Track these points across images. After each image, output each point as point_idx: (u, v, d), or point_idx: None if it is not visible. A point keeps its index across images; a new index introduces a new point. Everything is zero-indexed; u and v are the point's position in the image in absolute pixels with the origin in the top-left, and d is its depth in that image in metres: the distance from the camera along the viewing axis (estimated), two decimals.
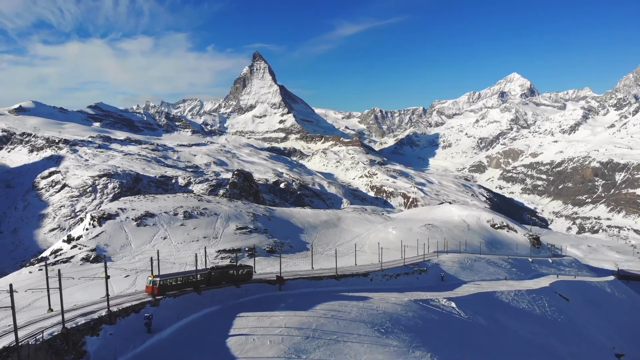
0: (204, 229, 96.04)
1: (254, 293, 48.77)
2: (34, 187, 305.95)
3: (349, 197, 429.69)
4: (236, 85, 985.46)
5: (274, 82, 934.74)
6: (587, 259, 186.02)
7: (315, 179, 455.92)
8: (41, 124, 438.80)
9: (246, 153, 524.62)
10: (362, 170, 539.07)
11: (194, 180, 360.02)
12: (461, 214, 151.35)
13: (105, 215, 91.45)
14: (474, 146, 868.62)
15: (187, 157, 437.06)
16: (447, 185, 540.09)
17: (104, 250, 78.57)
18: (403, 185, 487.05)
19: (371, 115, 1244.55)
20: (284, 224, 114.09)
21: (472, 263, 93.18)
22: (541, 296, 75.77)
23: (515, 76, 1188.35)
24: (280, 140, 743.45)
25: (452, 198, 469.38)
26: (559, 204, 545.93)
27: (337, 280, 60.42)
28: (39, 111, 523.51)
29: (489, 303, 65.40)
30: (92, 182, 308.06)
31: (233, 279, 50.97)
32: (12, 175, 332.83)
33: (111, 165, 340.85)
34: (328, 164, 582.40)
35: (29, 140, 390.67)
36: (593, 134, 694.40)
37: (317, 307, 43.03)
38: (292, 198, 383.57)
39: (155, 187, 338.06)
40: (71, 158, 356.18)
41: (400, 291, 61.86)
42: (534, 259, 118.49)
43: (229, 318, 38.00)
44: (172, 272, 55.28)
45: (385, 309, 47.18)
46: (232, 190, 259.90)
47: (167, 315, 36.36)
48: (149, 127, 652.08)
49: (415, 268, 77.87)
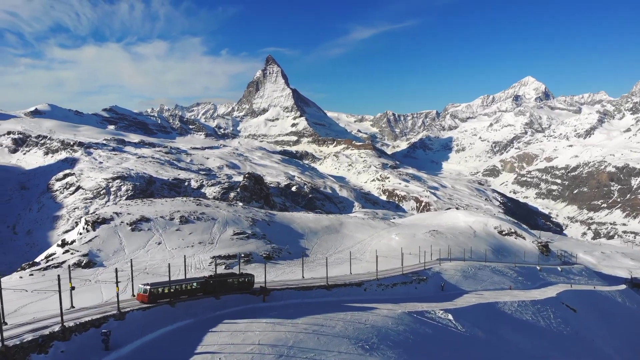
0: (200, 234, 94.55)
1: (234, 305, 45.99)
2: (48, 189, 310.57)
3: (360, 200, 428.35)
4: (249, 89, 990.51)
5: (286, 86, 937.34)
6: (601, 266, 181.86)
7: (326, 182, 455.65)
8: (56, 127, 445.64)
9: (258, 156, 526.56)
10: (374, 173, 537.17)
11: (206, 183, 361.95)
12: (467, 220, 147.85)
13: (99, 219, 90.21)
14: (487, 150, 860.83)
15: (200, 160, 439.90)
16: (460, 190, 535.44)
17: (96, 255, 77.48)
18: (415, 189, 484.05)
19: (384, 118, 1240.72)
20: (283, 229, 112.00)
21: (475, 271, 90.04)
22: (547, 307, 72.87)
23: (530, 79, 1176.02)
24: (292, 143, 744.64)
25: (466, 202, 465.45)
26: (574, 209, 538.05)
27: (327, 291, 57.59)
28: (54, 114, 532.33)
29: (490, 314, 62.95)
30: (106, 184, 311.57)
31: (233, 288, 49.14)
32: (27, 177, 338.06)
33: (125, 168, 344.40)
34: (340, 168, 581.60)
35: (44, 142, 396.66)
36: (609, 138, 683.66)
37: (299, 321, 40.75)
38: (303, 201, 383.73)
39: (168, 190, 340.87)
40: (85, 160, 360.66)
41: (395, 302, 59.54)
42: (542, 267, 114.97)
43: (200, 333, 35.91)
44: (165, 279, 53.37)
45: (374, 322, 45.13)
46: (243, 193, 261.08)
47: (131, 330, 34.36)
48: (163, 130, 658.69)
49: (414, 277, 74.83)
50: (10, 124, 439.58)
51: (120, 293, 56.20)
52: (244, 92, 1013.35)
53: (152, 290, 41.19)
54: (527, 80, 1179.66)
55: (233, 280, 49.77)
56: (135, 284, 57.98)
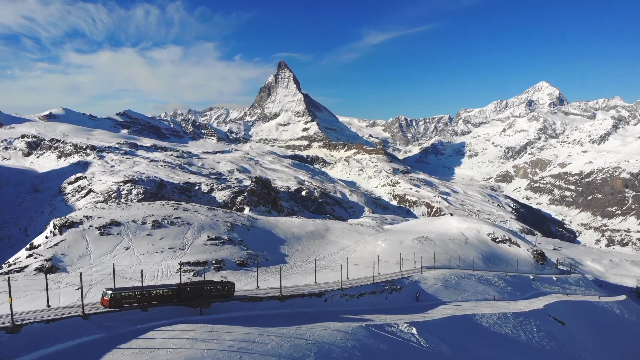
0: (171, 239, 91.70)
1: (163, 318, 41.11)
2: (60, 192, 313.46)
3: (370, 205, 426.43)
4: (261, 94, 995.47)
5: (298, 91, 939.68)
6: (608, 274, 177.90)
7: (337, 187, 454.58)
8: (70, 131, 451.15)
9: (269, 160, 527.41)
10: (384, 178, 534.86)
11: (216, 187, 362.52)
12: (460, 226, 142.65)
13: (67, 223, 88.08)
14: (500, 155, 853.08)
15: (211, 164, 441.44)
16: (472, 195, 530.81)
17: (60, 260, 75.55)
18: (427, 194, 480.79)
19: (396, 123, 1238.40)
20: (264, 235, 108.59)
21: (459, 281, 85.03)
22: (530, 320, 68.16)
23: (543, 85, 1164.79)
24: (303, 148, 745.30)
25: (477, 208, 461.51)
26: (587, 216, 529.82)
27: (280, 302, 52.82)
28: (69, 118, 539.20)
29: (464, 328, 58.43)
30: (117, 187, 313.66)
31: (211, 296, 47.36)
32: (40, 180, 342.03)
33: (136, 172, 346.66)
34: (350, 172, 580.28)
35: (58, 146, 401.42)
36: (623, 144, 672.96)
37: (227, 337, 36.26)
38: (313, 206, 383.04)
39: (179, 194, 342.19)
40: (97, 164, 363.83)
41: (358, 314, 55.60)
42: (535, 277, 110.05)
43: (102, 351, 31.45)
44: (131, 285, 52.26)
45: (319, 337, 40.72)
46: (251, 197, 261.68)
47: (24, 345, 30.96)
48: (175, 135, 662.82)
49: (387, 286, 70.28)
50: (24, 127, 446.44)
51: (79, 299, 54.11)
52: (256, 97, 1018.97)
53: (114, 295, 40.58)
54: (541, 86, 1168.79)
55: (210, 288, 48.01)
56: (98, 289, 55.97)
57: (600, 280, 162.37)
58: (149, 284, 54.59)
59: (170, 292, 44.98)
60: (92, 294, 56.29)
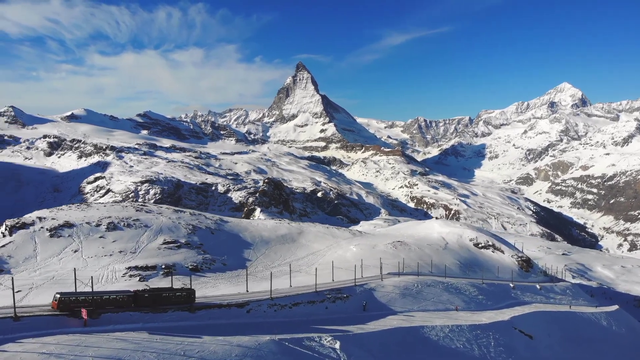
0: (124, 243, 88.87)
1: (39, 328, 36.88)
2: (79, 191, 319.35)
3: (387, 207, 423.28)
4: (279, 95, 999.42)
5: (316, 92, 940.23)
6: (618, 281, 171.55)
7: (353, 188, 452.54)
8: (91, 131, 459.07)
9: (286, 162, 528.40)
10: (402, 180, 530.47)
11: (232, 188, 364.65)
12: (442, 230, 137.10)
13: (19, 224, 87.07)
14: (521, 157, 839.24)
15: (228, 165, 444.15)
16: (491, 198, 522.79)
17: (5, 262, 74.31)
18: (445, 196, 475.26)
19: (415, 124, 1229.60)
20: (229, 239, 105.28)
21: (421, 288, 78.64)
22: (489, 333, 61.88)
23: (566, 86, 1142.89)
24: (320, 149, 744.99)
25: (497, 211, 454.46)
26: (610, 220, 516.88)
27: (190, 314, 47.69)
28: (90, 119, 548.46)
29: (406, 341, 52.81)
30: (135, 187, 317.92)
31: (170, 302, 47.03)
32: (61, 179, 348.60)
33: (154, 172, 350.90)
34: (367, 174, 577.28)
35: (79, 146, 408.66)
36: None
37: (90, 354, 32.25)
38: (329, 207, 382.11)
39: (196, 194, 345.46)
40: (117, 164, 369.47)
41: (286, 326, 50.61)
42: (515, 285, 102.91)
43: None
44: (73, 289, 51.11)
45: (209, 354, 35.67)
46: (262, 198, 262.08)
47: None
48: (195, 136, 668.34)
49: (330, 295, 64.00)
50: (47, 128, 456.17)
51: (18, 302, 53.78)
52: (274, 98, 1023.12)
53: (62, 299, 40.65)
54: (563, 87, 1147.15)
55: (169, 295, 47.60)
56: (38, 293, 56.37)
57: (604, 288, 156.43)
58: (93, 289, 53.25)
59: (127, 298, 44.55)
60: (30, 297, 55.67)
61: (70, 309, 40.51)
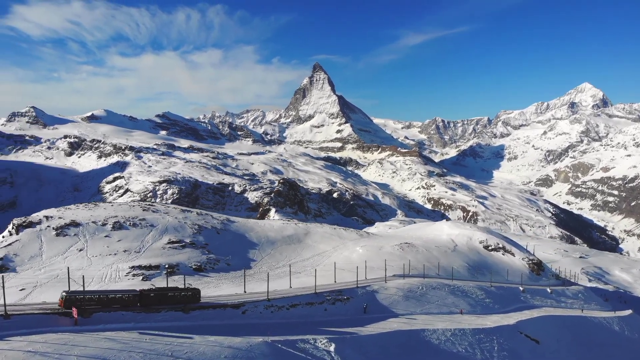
0: (129, 242, 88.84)
1: (30, 326, 36.93)
2: (99, 191, 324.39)
3: (403, 208, 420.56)
4: (296, 96, 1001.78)
5: (332, 93, 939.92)
6: (637, 285, 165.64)
7: (369, 189, 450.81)
8: (111, 132, 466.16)
9: (302, 162, 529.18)
10: (419, 181, 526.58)
11: (249, 188, 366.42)
12: (451, 232, 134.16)
13: (26, 222, 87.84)
14: (541, 159, 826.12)
15: (245, 165, 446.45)
16: (510, 200, 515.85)
17: (11, 260, 74.90)
18: (463, 198, 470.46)
19: (432, 125, 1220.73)
20: (235, 239, 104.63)
21: (426, 291, 76.91)
22: (493, 337, 60.18)
23: (586, 86, 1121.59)
24: (336, 150, 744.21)
25: (515, 213, 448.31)
26: (631, 222, 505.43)
27: (183, 314, 47.11)
28: (110, 119, 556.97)
29: (405, 345, 51.67)
30: (153, 187, 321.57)
31: (175, 302, 47.44)
32: (81, 179, 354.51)
33: (172, 172, 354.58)
34: (384, 175, 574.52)
35: (98, 146, 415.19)
36: None
37: (75, 353, 31.98)
38: (344, 208, 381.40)
39: (213, 194, 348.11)
40: (135, 164, 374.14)
41: (284, 327, 49.70)
42: (525, 288, 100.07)
43: None
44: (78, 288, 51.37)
45: (197, 355, 34.98)
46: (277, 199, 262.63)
47: None
48: (212, 136, 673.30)
49: (329, 297, 62.66)
50: (67, 128, 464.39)
51: (20, 300, 54.62)
52: (291, 99, 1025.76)
53: (68, 297, 41.29)
54: (583, 87, 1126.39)
55: (175, 294, 48.00)
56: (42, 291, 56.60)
57: (620, 292, 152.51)
58: (96, 288, 53.38)
59: (133, 297, 45.02)
60: (34, 295, 55.74)
61: (71, 307, 41.11)
